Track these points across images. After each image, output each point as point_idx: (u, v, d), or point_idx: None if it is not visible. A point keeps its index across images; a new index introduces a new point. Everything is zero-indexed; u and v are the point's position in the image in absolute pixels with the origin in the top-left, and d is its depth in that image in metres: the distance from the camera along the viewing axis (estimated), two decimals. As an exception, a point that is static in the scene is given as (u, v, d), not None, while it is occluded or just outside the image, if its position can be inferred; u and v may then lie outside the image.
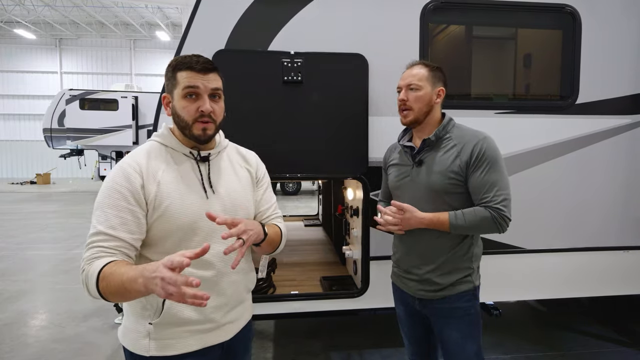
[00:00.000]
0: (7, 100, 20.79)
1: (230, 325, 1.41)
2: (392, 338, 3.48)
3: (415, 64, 1.76)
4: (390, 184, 1.89)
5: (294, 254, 3.78)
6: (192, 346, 1.31)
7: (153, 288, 1.00)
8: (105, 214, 1.20)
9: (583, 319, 3.84)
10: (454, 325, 1.73)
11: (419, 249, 1.75)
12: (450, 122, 1.75)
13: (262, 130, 2.38)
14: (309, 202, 11.89)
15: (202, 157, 1.37)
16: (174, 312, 1.28)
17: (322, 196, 5.22)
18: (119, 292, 1.08)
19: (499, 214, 1.60)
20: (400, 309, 1.93)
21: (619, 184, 2.78)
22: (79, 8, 17.60)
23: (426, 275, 1.73)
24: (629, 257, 2.84)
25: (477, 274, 1.78)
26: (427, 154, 1.73)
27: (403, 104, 1.73)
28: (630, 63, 2.72)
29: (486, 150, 1.64)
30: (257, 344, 3.38)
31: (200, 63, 1.28)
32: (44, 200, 13.04)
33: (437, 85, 1.74)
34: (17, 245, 6.94)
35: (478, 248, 1.79)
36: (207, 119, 1.30)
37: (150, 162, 1.29)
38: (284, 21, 2.40)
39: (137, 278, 1.03)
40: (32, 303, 4.40)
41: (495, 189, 1.61)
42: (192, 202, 1.30)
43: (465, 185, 1.67)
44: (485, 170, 1.62)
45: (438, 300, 1.73)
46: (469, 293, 1.73)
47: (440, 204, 1.69)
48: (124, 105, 12.23)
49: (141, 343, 1.28)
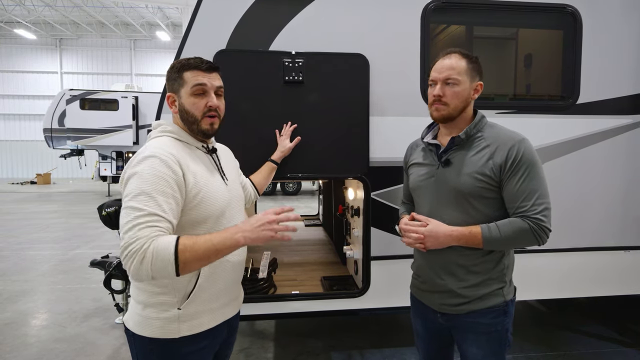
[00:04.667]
0: (7, 100, 20.80)
1: (235, 301, 1.60)
2: (393, 338, 3.49)
3: (453, 54, 1.55)
4: (412, 185, 1.72)
5: (294, 254, 3.78)
6: (213, 322, 1.46)
7: (258, 236, 1.24)
8: (154, 199, 1.24)
9: (583, 319, 3.84)
10: (477, 341, 1.58)
11: (441, 258, 1.59)
12: (482, 120, 1.59)
13: (263, 130, 2.38)
14: (309, 202, 11.90)
15: (211, 149, 1.53)
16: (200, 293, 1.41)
17: (322, 196, 5.22)
18: (205, 256, 1.23)
19: (538, 225, 1.45)
20: (419, 322, 1.78)
21: (619, 184, 2.78)
22: (79, 8, 17.61)
23: (450, 287, 1.58)
24: (628, 257, 2.84)
25: (509, 286, 1.60)
26: (455, 154, 1.57)
27: (438, 99, 1.54)
28: (630, 63, 2.72)
29: (524, 154, 1.47)
30: (257, 344, 3.38)
31: (205, 63, 1.43)
32: (44, 200, 13.05)
33: (476, 79, 1.56)
34: (18, 245, 6.94)
35: (510, 258, 1.61)
36: (214, 114, 1.44)
37: (180, 154, 1.38)
38: (285, 21, 2.40)
39: (234, 234, 1.24)
40: (33, 303, 4.40)
41: (535, 198, 1.46)
42: (219, 190, 1.45)
43: (496, 190, 1.51)
44: (523, 177, 1.46)
45: (463, 315, 1.57)
46: (498, 308, 1.56)
47: (467, 208, 1.54)
48: (124, 105, 12.23)
49: (170, 327, 1.38)
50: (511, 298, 1.60)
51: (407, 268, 1.89)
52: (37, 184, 17.87)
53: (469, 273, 1.56)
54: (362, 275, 2.60)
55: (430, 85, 1.60)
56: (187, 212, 1.35)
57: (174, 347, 1.39)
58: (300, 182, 13.68)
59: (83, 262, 5.84)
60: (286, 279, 3.01)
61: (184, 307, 1.39)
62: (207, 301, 1.44)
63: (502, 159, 1.48)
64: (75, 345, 3.43)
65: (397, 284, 2.61)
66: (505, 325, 1.58)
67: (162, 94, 2.37)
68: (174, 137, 1.43)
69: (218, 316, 1.49)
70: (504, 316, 1.57)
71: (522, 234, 1.46)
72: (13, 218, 9.62)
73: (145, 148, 1.35)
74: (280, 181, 11.21)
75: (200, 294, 1.41)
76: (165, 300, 1.38)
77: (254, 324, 3.72)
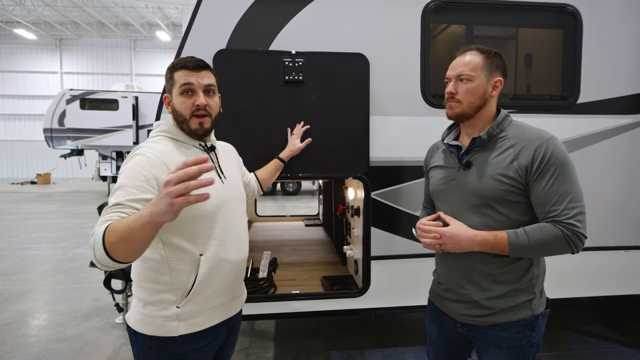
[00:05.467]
0: (7, 100, 20.80)
1: (237, 300, 1.59)
2: (393, 338, 3.49)
3: (468, 50, 1.50)
4: (432, 189, 1.63)
5: (294, 253, 3.78)
6: (212, 321, 1.46)
7: (160, 207, 1.01)
8: (128, 192, 1.23)
9: (583, 319, 3.84)
10: (498, 354, 1.47)
11: (463, 264, 1.49)
12: (506, 119, 1.49)
13: (263, 130, 2.38)
14: (309, 202, 11.90)
15: (209, 148, 1.52)
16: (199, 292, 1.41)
17: (322, 196, 5.22)
18: (124, 237, 1.08)
19: (572, 232, 1.33)
20: (434, 329, 1.69)
21: (619, 183, 2.78)
22: (79, 8, 17.61)
23: (472, 297, 1.47)
24: (628, 257, 2.84)
25: (540, 298, 1.48)
26: (476, 155, 1.47)
27: (451, 96, 1.48)
28: (631, 63, 2.72)
29: (553, 153, 1.36)
30: (257, 344, 3.38)
31: (193, 62, 1.43)
32: (44, 200, 13.05)
33: (495, 75, 1.46)
34: (18, 245, 6.94)
35: (540, 268, 1.50)
36: (203, 112, 1.43)
37: (172, 152, 1.39)
38: (285, 21, 2.40)
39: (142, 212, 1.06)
40: (33, 303, 4.40)
41: (567, 201, 1.34)
42: (214, 188, 1.40)
43: (522, 194, 1.40)
44: (553, 179, 1.35)
45: (485, 327, 1.47)
46: (525, 322, 1.44)
47: (490, 213, 1.43)
48: (124, 105, 12.22)
49: (169, 326, 1.39)
50: (541, 312, 1.48)
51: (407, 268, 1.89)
52: (37, 184, 17.87)
53: (493, 283, 1.45)
54: (362, 275, 2.60)
55: (445, 83, 1.55)
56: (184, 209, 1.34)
57: (173, 345, 1.40)
58: (300, 182, 13.67)
59: (83, 262, 5.84)
60: (286, 279, 3.01)
61: (182, 305, 1.39)
62: (206, 300, 1.43)
63: (529, 160, 1.37)
64: (75, 345, 3.43)
65: (398, 283, 2.62)
66: (532, 339, 1.47)
67: (162, 94, 2.38)
68: (170, 136, 1.46)
69: (218, 315, 1.49)
70: (531, 331, 1.46)
71: (554, 240, 1.35)
72: (13, 218, 9.61)
73: (137, 147, 1.39)
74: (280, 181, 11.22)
75: (198, 292, 1.41)
76: (165, 298, 1.39)
77: (254, 323, 3.72)
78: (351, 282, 2.93)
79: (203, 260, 1.41)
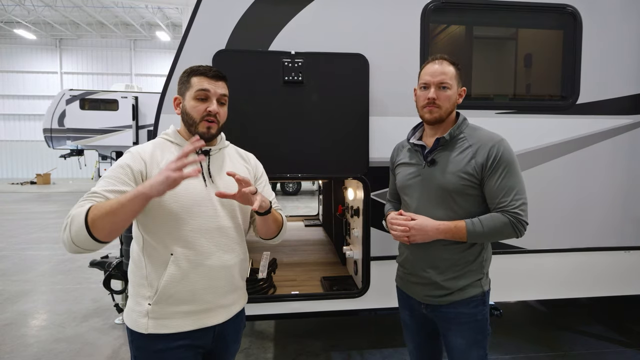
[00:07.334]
0: (7, 100, 20.79)
1: (222, 309, 1.53)
2: (392, 338, 3.48)
3: (442, 59, 1.67)
4: (399, 184, 1.82)
5: (294, 254, 3.78)
6: (185, 326, 1.45)
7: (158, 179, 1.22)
8: (107, 182, 1.36)
9: (583, 319, 3.83)
10: (459, 331, 1.69)
11: (426, 251, 1.69)
12: (464, 122, 1.71)
13: (263, 131, 2.38)
14: (309, 202, 11.89)
15: (203, 151, 1.53)
16: (169, 292, 1.42)
17: (322, 196, 5.22)
18: (110, 211, 1.22)
19: (516, 219, 1.57)
20: (405, 313, 1.89)
21: (619, 184, 2.78)
22: (79, 8, 17.61)
23: (433, 279, 1.68)
24: (628, 258, 2.84)
25: (487, 278, 1.73)
26: (440, 154, 1.67)
27: (432, 102, 1.64)
28: (630, 63, 2.72)
29: (503, 153, 1.59)
30: (257, 344, 3.38)
31: (212, 71, 1.50)
32: (44, 200, 13.04)
33: (460, 85, 1.70)
34: (18, 246, 6.94)
35: (488, 252, 1.74)
36: (212, 119, 1.49)
37: (156, 151, 1.48)
38: (284, 21, 2.40)
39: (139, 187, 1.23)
40: (33, 303, 4.40)
41: (513, 194, 1.58)
42: (190, 188, 1.44)
43: (478, 188, 1.63)
44: (503, 175, 1.58)
45: (445, 306, 1.68)
46: (477, 298, 1.68)
47: (451, 205, 1.64)
48: (124, 105, 12.22)
49: (141, 322, 1.43)
50: (488, 289, 1.73)
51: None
52: (37, 184, 17.86)
53: (451, 266, 1.67)
54: (362, 275, 2.60)
55: (421, 88, 1.69)
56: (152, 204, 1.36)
57: (147, 342, 1.44)
58: (300, 182, 13.67)
59: (83, 262, 5.83)
60: (286, 279, 3.01)
61: (154, 303, 1.42)
62: (175, 303, 1.43)
63: (484, 158, 1.60)
64: (74, 345, 3.43)
65: (397, 284, 2.61)
66: (485, 314, 1.70)
67: (162, 94, 2.37)
68: (167, 138, 1.55)
69: (193, 322, 1.46)
70: (483, 306, 1.70)
71: (503, 227, 1.57)
72: (13, 218, 9.61)
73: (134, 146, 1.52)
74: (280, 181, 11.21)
75: (168, 293, 1.42)
76: (141, 292, 1.45)
77: (253, 324, 3.71)
78: (351, 282, 2.93)
79: (172, 260, 1.42)
